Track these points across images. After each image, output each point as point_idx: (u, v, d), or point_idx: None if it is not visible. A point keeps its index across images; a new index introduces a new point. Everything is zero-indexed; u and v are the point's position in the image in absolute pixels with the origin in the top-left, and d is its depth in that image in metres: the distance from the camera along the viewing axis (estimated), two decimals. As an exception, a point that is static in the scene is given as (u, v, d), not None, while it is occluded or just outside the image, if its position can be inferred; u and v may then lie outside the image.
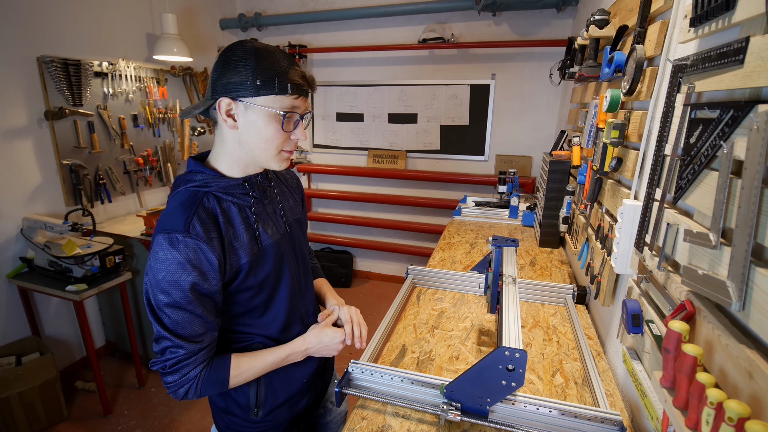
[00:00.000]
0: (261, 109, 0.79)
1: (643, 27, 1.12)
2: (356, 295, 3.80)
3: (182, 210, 0.79)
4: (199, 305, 0.80)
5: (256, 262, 0.87)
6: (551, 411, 0.90)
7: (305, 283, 1.04)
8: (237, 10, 3.81)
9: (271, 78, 0.78)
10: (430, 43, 3.25)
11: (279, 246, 0.92)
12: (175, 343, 0.79)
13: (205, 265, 0.78)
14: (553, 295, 1.58)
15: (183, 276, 0.76)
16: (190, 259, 0.76)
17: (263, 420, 0.98)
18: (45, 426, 2.17)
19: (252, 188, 0.88)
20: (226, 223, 0.83)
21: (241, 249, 0.84)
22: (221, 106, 0.80)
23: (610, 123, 1.25)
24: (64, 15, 2.42)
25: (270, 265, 0.90)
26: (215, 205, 0.83)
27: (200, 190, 0.82)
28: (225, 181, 0.84)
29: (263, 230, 0.89)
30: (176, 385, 0.81)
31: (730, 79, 0.65)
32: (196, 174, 0.85)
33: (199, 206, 0.80)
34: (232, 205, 0.86)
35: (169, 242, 0.76)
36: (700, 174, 0.71)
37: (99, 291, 2.14)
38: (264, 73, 0.78)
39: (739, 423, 0.51)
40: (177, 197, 0.82)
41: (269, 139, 0.82)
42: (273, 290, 0.92)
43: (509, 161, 3.39)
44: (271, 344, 0.95)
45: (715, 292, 0.61)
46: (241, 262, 0.84)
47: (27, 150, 2.29)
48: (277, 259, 0.91)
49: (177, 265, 0.76)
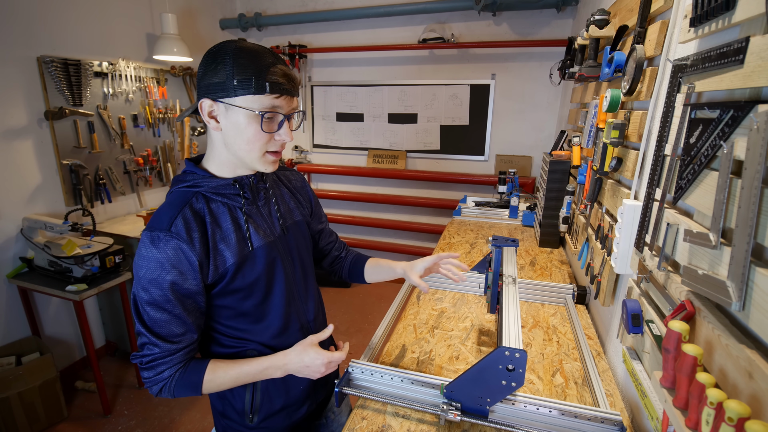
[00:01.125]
0: (239, 110, 0.77)
1: (643, 27, 1.12)
2: (356, 295, 3.80)
3: (169, 209, 0.80)
4: (178, 305, 0.79)
5: (245, 263, 0.85)
6: (551, 411, 0.90)
7: (305, 288, 1.00)
8: (237, 10, 3.81)
9: (248, 77, 0.76)
10: (430, 43, 3.25)
11: (271, 248, 0.90)
12: (152, 341, 0.79)
13: (184, 265, 0.78)
14: (553, 295, 1.58)
15: (162, 275, 0.77)
16: (169, 259, 0.76)
17: (258, 426, 0.96)
18: (45, 426, 2.17)
19: (243, 189, 0.87)
20: (213, 224, 0.82)
21: (227, 250, 0.83)
22: (203, 107, 0.79)
23: (610, 123, 1.25)
24: (64, 15, 2.42)
25: (261, 268, 0.88)
26: (203, 205, 0.82)
27: (190, 190, 0.83)
28: (215, 181, 0.84)
29: (255, 231, 0.87)
30: (151, 382, 0.82)
31: (730, 79, 0.65)
32: (188, 174, 0.85)
33: (186, 206, 0.80)
34: (222, 206, 0.85)
35: (151, 240, 0.76)
36: (700, 174, 0.71)
37: (99, 291, 2.14)
38: (241, 72, 0.75)
39: (739, 423, 0.51)
40: (169, 197, 0.84)
41: (250, 140, 0.80)
42: (265, 294, 0.90)
43: (509, 161, 3.39)
44: (267, 352, 0.92)
45: (715, 292, 0.61)
46: (227, 264, 0.83)
47: (27, 150, 2.29)
48: (269, 261, 0.89)
49: (156, 264, 0.76)
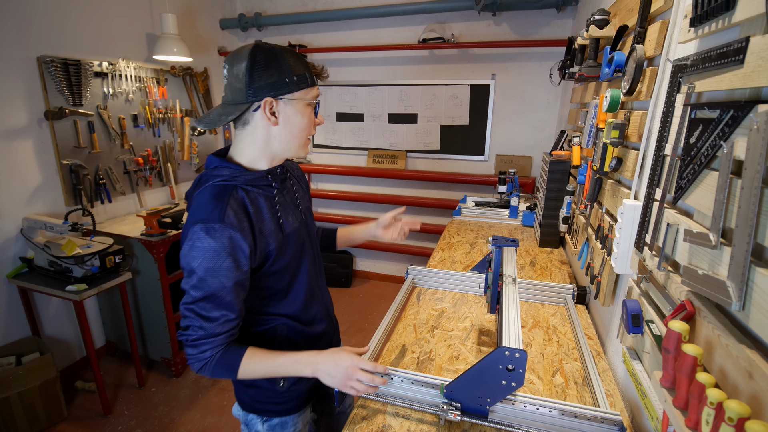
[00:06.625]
0: (298, 102, 0.89)
1: (643, 27, 1.12)
2: (356, 295, 3.80)
3: (216, 202, 0.84)
4: (231, 291, 0.85)
5: (281, 247, 0.94)
6: (551, 411, 0.90)
7: (320, 266, 1.14)
8: (237, 10, 3.81)
9: (302, 73, 0.88)
10: (430, 43, 3.25)
11: (299, 233, 1.01)
12: (199, 323, 0.84)
13: (238, 252, 0.84)
14: (553, 295, 1.58)
15: (218, 263, 0.82)
16: (225, 248, 0.82)
17: (288, 390, 1.05)
18: (45, 426, 2.17)
19: (274, 180, 0.95)
20: (256, 213, 0.89)
21: (269, 236, 0.91)
22: (266, 106, 0.87)
23: (610, 123, 1.25)
24: (64, 15, 2.42)
25: (292, 251, 0.97)
26: (244, 196, 0.89)
27: (229, 183, 0.88)
28: (250, 174, 0.91)
29: (286, 219, 0.97)
30: (194, 359, 0.87)
31: (730, 79, 0.65)
32: (223, 169, 0.90)
33: (231, 198, 0.86)
34: (259, 197, 0.92)
35: (206, 232, 0.81)
36: (700, 174, 0.71)
37: (99, 291, 2.14)
38: (296, 70, 0.87)
39: (739, 423, 0.51)
40: (207, 191, 0.87)
41: (305, 128, 0.92)
42: (294, 274, 1.00)
43: (509, 161, 3.39)
44: (292, 324, 1.02)
45: (715, 292, 0.61)
46: (269, 249, 0.91)
47: (27, 150, 2.29)
48: (298, 244, 1.00)
49: (213, 253, 0.82)
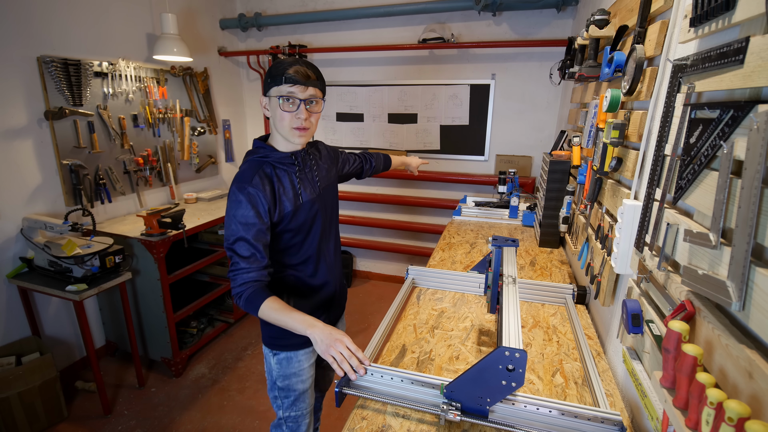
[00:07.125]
0: (272, 98, 1.16)
1: (643, 27, 1.12)
2: (356, 295, 3.79)
3: (250, 171, 1.17)
4: (255, 234, 1.14)
5: (297, 211, 1.23)
6: (551, 411, 0.90)
7: (330, 232, 1.39)
8: (237, 10, 3.81)
9: (273, 76, 1.15)
10: (430, 43, 3.25)
11: (314, 202, 1.28)
12: (235, 260, 1.14)
13: (260, 206, 1.15)
14: (553, 295, 1.58)
15: (245, 212, 1.13)
16: (250, 200, 1.14)
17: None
18: (45, 426, 2.17)
19: (297, 159, 1.25)
20: (278, 183, 1.20)
21: (287, 201, 1.21)
22: (261, 102, 1.22)
23: (610, 123, 1.25)
24: (64, 15, 2.42)
25: (305, 214, 1.25)
26: (271, 170, 1.21)
27: (262, 159, 1.21)
28: (278, 154, 1.22)
29: (303, 190, 1.25)
30: (234, 292, 1.14)
31: (730, 79, 0.65)
32: (260, 149, 1.24)
33: (260, 169, 1.19)
34: (283, 171, 1.23)
35: (239, 188, 1.14)
36: (700, 174, 0.71)
37: (99, 291, 2.14)
38: (270, 74, 1.16)
39: (739, 423, 0.51)
40: (245, 165, 1.22)
41: (280, 117, 1.16)
42: (306, 234, 1.28)
43: (509, 161, 3.39)
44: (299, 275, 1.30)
45: (715, 292, 0.61)
46: (286, 210, 1.20)
47: (27, 150, 2.29)
48: (312, 211, 1.27)
49: (242, 204, 1.13)
